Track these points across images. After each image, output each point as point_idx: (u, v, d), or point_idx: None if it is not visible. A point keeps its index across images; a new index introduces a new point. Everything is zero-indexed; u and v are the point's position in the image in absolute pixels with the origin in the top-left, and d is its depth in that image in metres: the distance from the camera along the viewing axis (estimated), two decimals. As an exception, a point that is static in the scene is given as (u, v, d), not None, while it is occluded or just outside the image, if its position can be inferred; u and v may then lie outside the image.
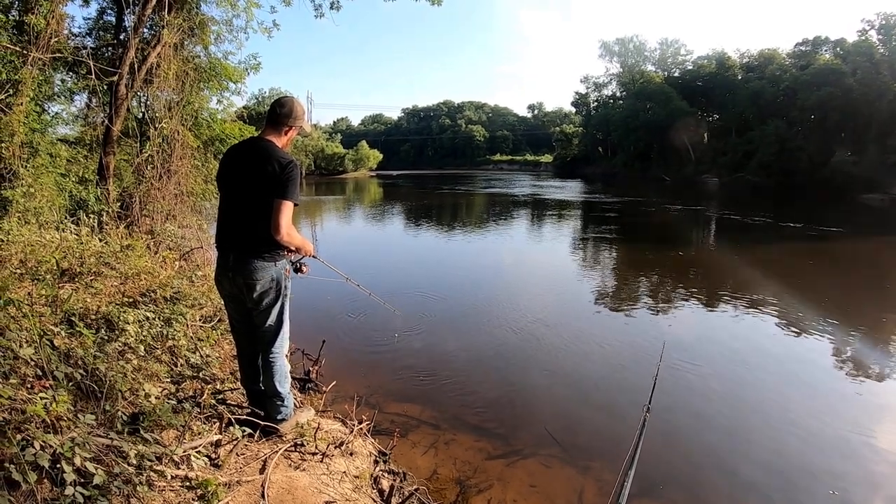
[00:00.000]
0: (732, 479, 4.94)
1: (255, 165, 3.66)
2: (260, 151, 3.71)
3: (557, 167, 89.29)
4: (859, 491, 4.79)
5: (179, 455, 3.18)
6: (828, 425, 5.95)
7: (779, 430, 5.82)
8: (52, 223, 7.26)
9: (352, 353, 7.69)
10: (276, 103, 3.87)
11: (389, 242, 20.23)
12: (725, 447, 5.51)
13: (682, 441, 5.56)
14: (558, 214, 28.32)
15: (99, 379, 3.41)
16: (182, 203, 10.11)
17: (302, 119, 3.86)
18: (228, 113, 12.72)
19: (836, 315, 9.75)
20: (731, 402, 6.45)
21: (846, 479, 4.97)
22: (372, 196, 45.08)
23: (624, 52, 77.22)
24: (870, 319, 9.64)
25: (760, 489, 4.77)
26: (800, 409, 6.31)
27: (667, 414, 5.83)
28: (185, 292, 6.07)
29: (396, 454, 4.84)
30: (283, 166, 3.61)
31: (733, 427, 5.89)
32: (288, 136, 3.86)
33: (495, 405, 6.26)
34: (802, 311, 9.89)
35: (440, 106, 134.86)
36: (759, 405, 6.38)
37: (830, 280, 13.28)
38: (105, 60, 9.73)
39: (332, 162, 73.56)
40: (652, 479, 4.68)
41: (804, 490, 4.80)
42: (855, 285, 12.61)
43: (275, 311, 3.84)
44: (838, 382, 7.24)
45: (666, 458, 5.16)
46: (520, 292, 11.79)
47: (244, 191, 3.70)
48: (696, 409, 6.25)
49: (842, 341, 8.61)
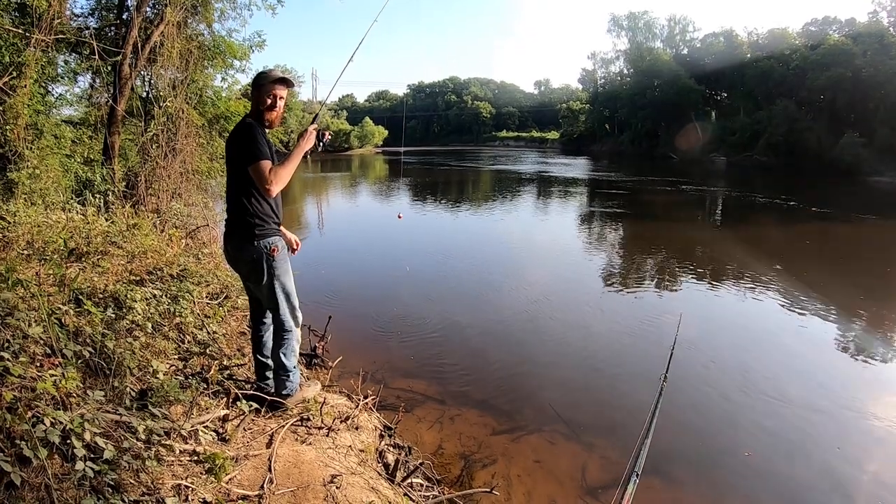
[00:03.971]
0: (738, 454, 4.99)
1: (229, 146, 3.77)
2: (232, 133, 3.79)
3: (564, 144, 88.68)
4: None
5: (187, 430, 3.22)
6: (833, 400, 6.00)
7: (781, 405, 5.86)
8: (59, 204, 7.28)
9: (358, 329, 7.75)
10: (251, 81, 3.91)
11: (393, 219, 20.21)
12: (731, 422, 5.55)
13: (688, 415, 5.60)
14: (565, 192, 28.23)
15: (107, 356, 3.45)
16: (187, 181, 10.11)
17: (271, 83, 3.76)
18: (233, 91, 12.68)
19: (839, 295, 9.75)
20: (739, 378, 6.48)
21: (860, 456, 5.02)
22: (377, 172, 45.01)
23: (633, 27, 76.28)
24: (873, 303, 9.60)
25: (766, 465, 4.81)
26: (803, 386, 6.36)
27: (674, 390, 5.86)
28: (191, 270, 6.11)
29: (402, 429, 4.89)
30: (241, 133, 3.66)
31: (741, 403, 5.93)
32: (270, 106, 3.78)
33: (501, 381, 6.32)
34: (808, 291, 9.88)
35: (446, 82, 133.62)
36: (764, 382, 6.40)
37: (836, 262, 13.25)
38: (108, 40, 9.68)
39: (338, 138, 73.20)
40: (661, 453, 4.72)
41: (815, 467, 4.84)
42: (857, 269, 12.56)
43: (266, 288, 3.86)
44: (844, 360, 7.28)
45: (674, 432, 5.20)
46: (527, 270, 11.82)
47: (228, 171, 3.82)
48: (702, 385, 6.28)
49: (846, 322, 8.61)
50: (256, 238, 3.72)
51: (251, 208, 3.69)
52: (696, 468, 4.82)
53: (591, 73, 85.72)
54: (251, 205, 3.69)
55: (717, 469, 4.83)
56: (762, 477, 4.65)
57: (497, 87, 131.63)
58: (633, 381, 6.45)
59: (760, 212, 20.91)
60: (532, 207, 22.72)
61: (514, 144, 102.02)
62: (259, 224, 3.72)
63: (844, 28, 52.42)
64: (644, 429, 3.66)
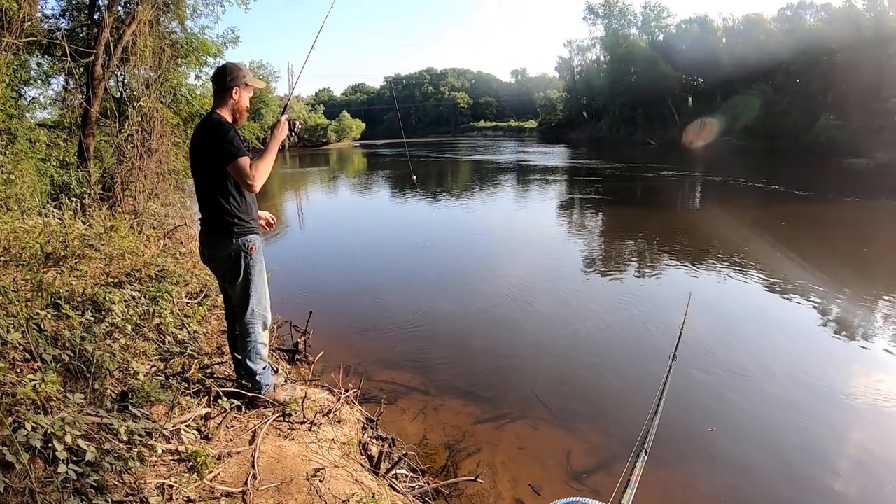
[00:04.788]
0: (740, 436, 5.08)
1: (198, 143, 3.72)
2: (200, 129, 3.75)
3: (542, 133, 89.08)
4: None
5: (169, 430, 3.25)
6: (819, 380, 6.11)
7: (781, 390, 5.96)
8: (35, 209, 7.22)
9: (340, 323, 7.77)
10: (212, 77, 3.88)
11: (375, 211, 20.25)
12: (731, 406, 5.63)
13: (683, 396, 5.67)
14: (544, 180, 28.26)
15: (87, 359, 3.45)
16: (164, 181, 10.07)
17: (241, 77, 3.76)
18: (208, 88, 12.59)
19: (819, 275, 9.87)
20: (730, 362, 6.54)
21: (861, 437, 5.11)
22: (356, 166, 44.86)
23: (609, 15, 76.43)
24: (851, 283, 9.71)
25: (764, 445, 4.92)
26: (800, 368, 6.46)
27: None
28: (169, 270, 6.09)
29: (386, 421, 4.93)
30: (214, 132, 3.61)
31: (739, 386, 6.00)
32: (237, 100, 3.78)
33: (483, 370, 6.38)
34: (788, 273, 9.98)
35: (423, 74, 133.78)
36: (757, 367, 6.48)
37: (812, 242, 13.40)
38: (80, 41, 9.59)
39: (316, 133, 72.90)
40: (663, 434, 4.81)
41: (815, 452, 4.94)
42: (836, 248, 12.71)
43: (239, 286, 3.85)
44: (824, 341, 7.36)
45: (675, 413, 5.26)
46: (507, 259, 11.88)
47: (197, 169, 3.77)
48: (700, 367, 6.34)
49: (825, 301, 8.73)
50: (235, 235, 3.72)
51: (228, 207, 3.68)
52: (692, 447, 4.90)
53: (568, 61, 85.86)
54: (228, 203, 3.68)
55: (711, 448, 4.91)
56: (762, 457, 4.75)
57: (474, 77, 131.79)
58: (614, 365, 6.54)
59: (736, 195, 21.05)
60: (512, 196, 22.75)
61: (493, 134, 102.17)
62: (236, 222, 3.72)
63: (820, 12, 52.80)
64: (653, 407, 3.69)
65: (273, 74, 62.71)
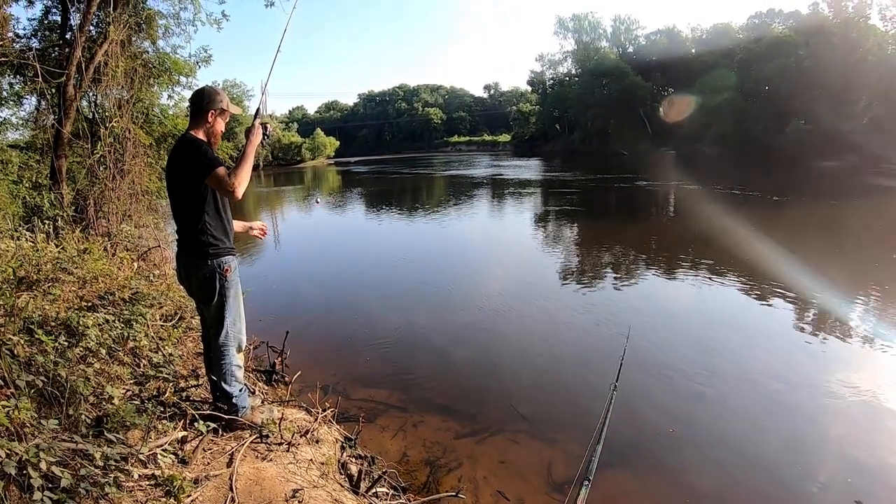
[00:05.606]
0: (699, 448, 5.14)
1: (174, 162, 3.74)
2: (175, 148, 3.79)
3: (516, 146, 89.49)
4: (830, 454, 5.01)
5: (146, 454, 3.23)
6: (784, 385, 6.19)
7: (741, 394, 6.05)
8: (7, 232, 7.12)
9: (317, 342, 7.75)
10: (190, 99, 3.92)
11: (350, 228, 20.22)
12: (691, 415, 5.70)
13: (648, 412, 5.73)
14: (518, 193, 28.43)
15: (61, 385, 3.42)
16: (138, 202, 9.98)
17: (218, 101, 3.81)
18: (180, 108, 12.54)
19: (792, 280, 9.99)
20: (697, 373, 6.58)
21: (812, 440, 5.21)
22: (330, 184, 44.77)
23: (579, 29, 77.39)
24: (834, 284, 9.84)
25: (724, 456, 4.97)
26: (760, 369, 6.56)
27: (633, 386, 5.98)
28: (144, 292, 6.05)
29: (365, 439, 4.93)
30: (188, 148, 3.65)
31: (699, 394, 6.07)
32: (212, 124, 3.81)
33: (462, 385, 6.40)
34: (761, 278, 10.10)
35: (396, 90, 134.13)
36: (723, 373, 6.58)
37: (789, 245, 13.56)
38: (52, 62, 9.52)
39: (290, 152, 72.69)
40: (619, 448, 4.84)
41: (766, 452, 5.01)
42: (812, 249, 12.85)
43: (214, 308, 3.85)
44: (797, 345, 7.47)
45: (633, 427, 5.32)
46: (483, 273, 11.92)
47: (172, 190, 3.79)
48: (661, 380, 6.41)
49: (800, 305, 8.86)
50: (210, 257, 3.72)
51: (203, 227, 3.68)
52: (649, 462, 4.94)
53: (540, 74, 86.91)
54: (204, 223, 3.68)
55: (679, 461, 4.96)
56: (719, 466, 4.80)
57: (447, 93, 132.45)
58: (591, 375, 6.58)
59: (708, 203, 21.22)
60: (486, 211, 22.81)
61: (467, 149, 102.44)
62: (213, 243, 3.72)
63: (788, 20, 53.97)
64: (595, 434, 3.75)
65: (246, 93, 62.76)
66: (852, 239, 14.37)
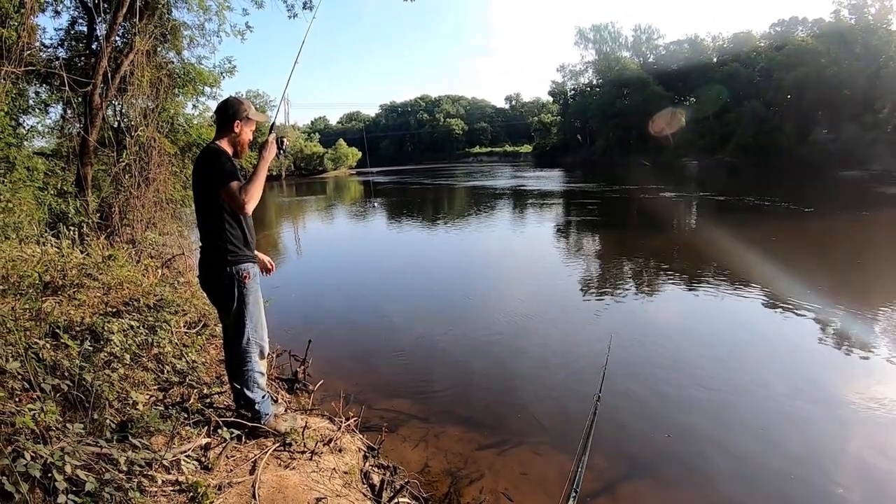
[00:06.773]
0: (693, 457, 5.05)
1: (196, 173, 3.80)
2: (199, 157, 3.85)
3: (537, 157, 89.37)
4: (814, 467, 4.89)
5: (169, 460, 3.21)
6: (776, 395, 6.09)
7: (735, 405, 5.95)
8: (33, 237, 7.22)
9: (339, 352, 7.72)
10: (216, 110, 3.95)
11: (372, 238, 20.24)
12: (689, 424, 5.61)
13: (639, 423, 5.66)
14: (540, 205, 28.32)
15: (86, 389, 3.44)
16: (162, 210, 10.08)
17: (243, 111, 3.84)
18: (205, 118, 12.68)
19: (812, 289, 9.85)
20: (712, 384, 6.52)
21: (799, 453, 5.08)
22: (352, 194, 44.97)
23: (599, 40, 77.40)
24: (841, 298, 9.72)
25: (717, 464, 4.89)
26: (756, 380, 6.47)
27: (624, 397, 5.91)
28: (168, 299, 6.07)
29: (387, 449, 4.88)
30: (209, 158, 3.70)
31: (701, 404, 6.01)
32: (238, 133, 3.85)
33: (484, 396, 6.33)
34: (790, 290, 9.93)
35: (417, 101, 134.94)
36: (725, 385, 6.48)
37: (808, 257, 13.39)
38: (78, 71, 9.67)
39: (312, 162, 73.00)
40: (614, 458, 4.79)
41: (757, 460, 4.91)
42: (829, 262, 12.71)
43: (234, 315, 3.86)
44: (796, 356, 7.42)
45: (626, 438, 5.29)
46: (505, 285, 11.87)
47: (196, 199, 3.83)
48: (661, 391, 6.34)
49: (803, 318, 8.70)
50: (229, 264, 3.73)
51: (223, 234, 3.70)
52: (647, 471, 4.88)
53: (561, 85, 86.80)
54: (223, 230, 3.70)
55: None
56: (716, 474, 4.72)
57: (468, 104, 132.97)
58: (616, 389, 6.50)
59: (730, 213, 21.14)
60: (509, 222, 22.72)
61: (488, 160, 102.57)
62: (231, 250, 3.73)
63: (812, 28, 53.40)
64: (580, 446, 3.70)
65: (269, 104, 63.12)
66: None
